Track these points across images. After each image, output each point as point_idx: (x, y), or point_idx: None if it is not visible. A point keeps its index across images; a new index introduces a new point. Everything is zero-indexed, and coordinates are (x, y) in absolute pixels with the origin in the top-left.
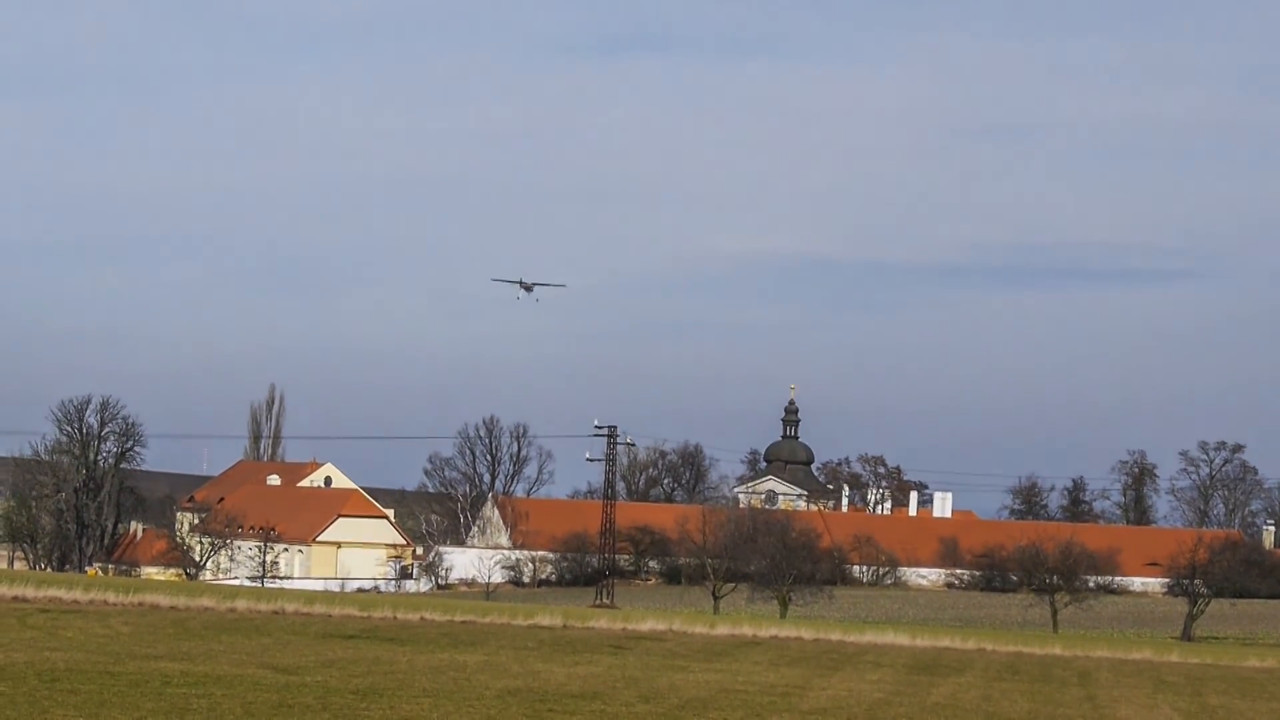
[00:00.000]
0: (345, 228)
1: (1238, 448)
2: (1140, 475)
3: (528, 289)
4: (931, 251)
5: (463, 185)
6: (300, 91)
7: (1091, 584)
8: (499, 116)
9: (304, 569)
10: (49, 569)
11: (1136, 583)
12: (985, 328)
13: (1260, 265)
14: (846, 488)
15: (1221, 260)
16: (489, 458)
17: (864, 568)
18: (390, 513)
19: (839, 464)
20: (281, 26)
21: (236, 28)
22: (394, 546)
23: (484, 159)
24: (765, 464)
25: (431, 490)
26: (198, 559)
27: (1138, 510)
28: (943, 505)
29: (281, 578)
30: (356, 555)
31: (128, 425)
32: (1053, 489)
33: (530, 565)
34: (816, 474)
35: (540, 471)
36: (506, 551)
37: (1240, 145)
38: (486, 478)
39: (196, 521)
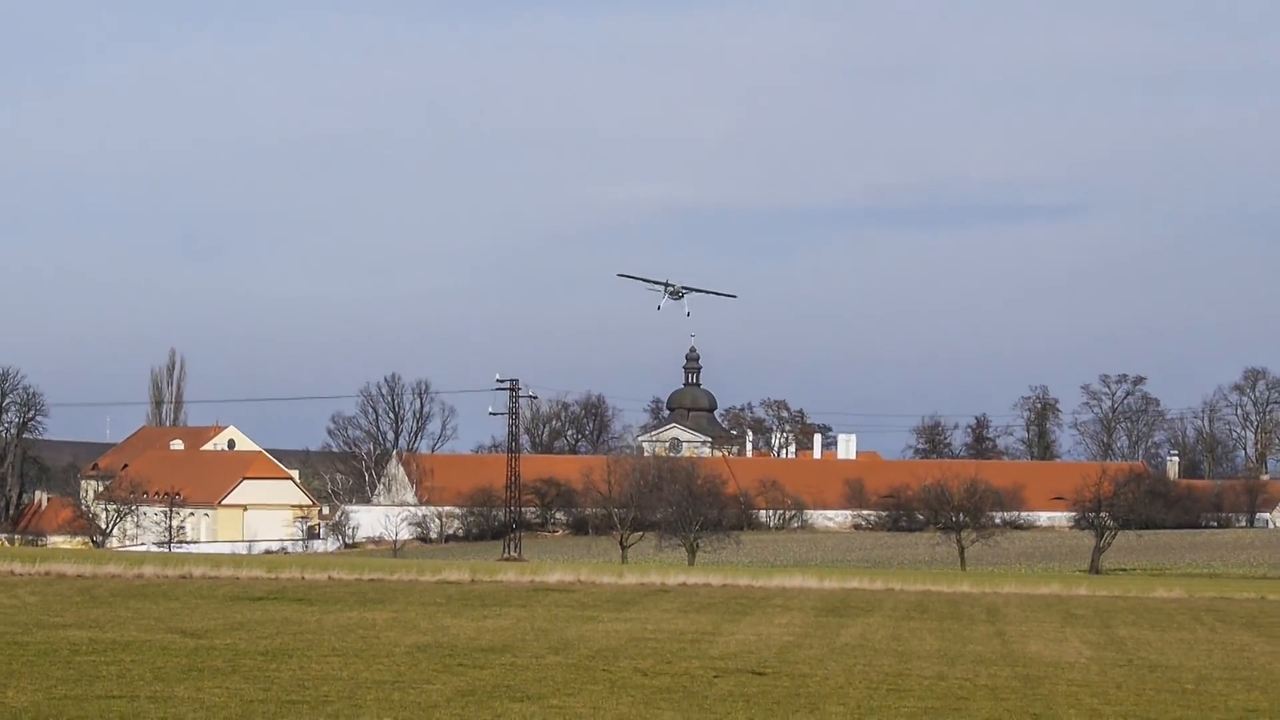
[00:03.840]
0: (242, 191)
1: (1139, 380)
2: (1043, 410)
3: (676, 295)
4: (830, 194)
5: (360, 144)
6: (196, 56)
7: (998, 520)
8: (397, 73)
9: (210, 533)
10: None
11: (1043, 517)
12: (885, 269)
13: (1158, 199)
14: (750, 433)
15: (1120, 195)
16: (392, 415)
17: (770, 512)
18: (295, 474)
19: (742, 410)
20: None
21: None
22: (300, 507)
23: (381, 117)
24: (668, 412)
25: (336, 450)
26: (103, 526)
27: (1041, 445)
28: (847, 447)
29: (188, 542)
30: (262, 517)
31: (29, 395)
32: (956, 427)
33: (437, 521)
34: (720, 420)
35: (444, 427)
36: (413, 508)
37: (1138, 81)
38: (390, 435)
39: (101, 489)
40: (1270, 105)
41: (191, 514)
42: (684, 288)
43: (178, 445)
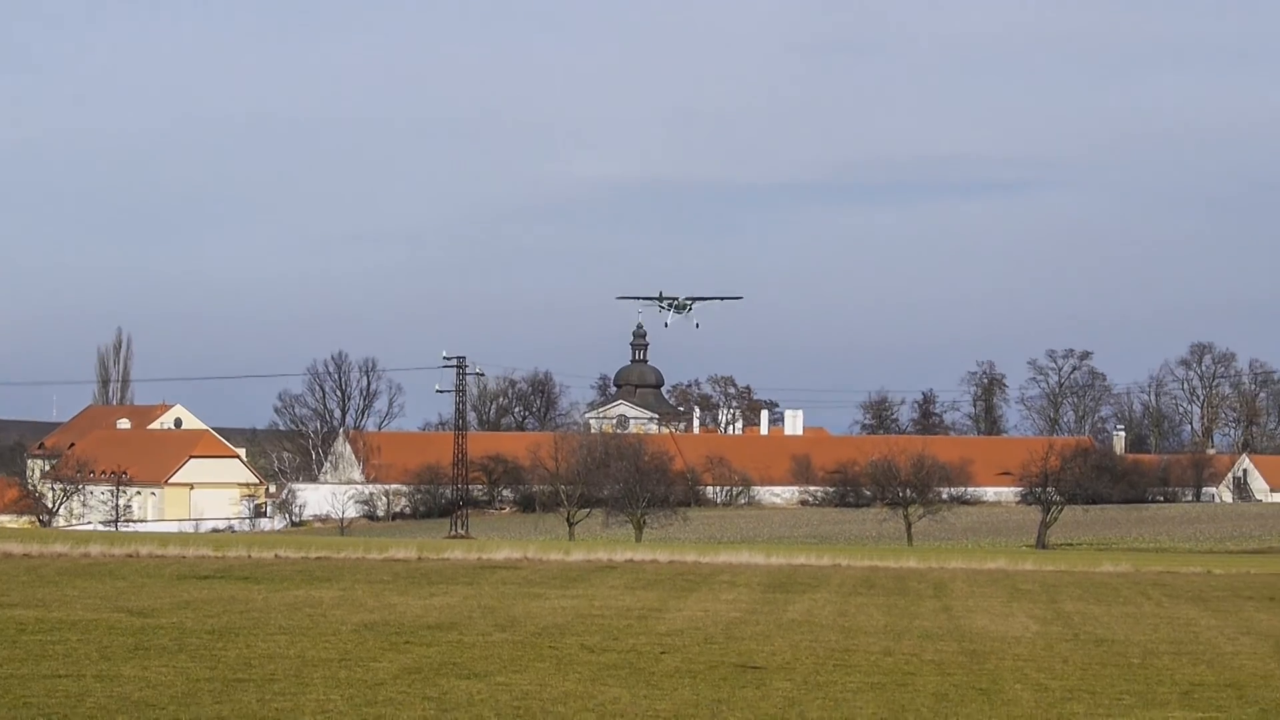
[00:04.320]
0: (189, 169)
1: (1086, 354)
2: (990, 385)
3: (680, 309)
4: (778, 171)
5: (306, 123)
6: (141, 32)
7: (945, 496)
8: (341, 53)
9: (157, 511)
10: None
11: (989, 493)
12: (833, 244)
13: (1105, 175)
14: (697, 409)
15: (1066, 171)
16: (339, 393)
17: (717, 488)
18: (242, 452)
19: (689, 386)
20: None
21: None
22: (247, 486)
23: (326, 96)
24: (615, 389)
25: (282, 428)
26: (50, 506)
27: (988, 420)
28: (794, 423)
29: (135, 521)
30: (209, 496)
31: None
32: (903, 402)
33: (384, 499)
34: (667, 397)
35: (391, 405)
36: (360, 486)
37: (1085, 57)
38: (337, 413)
39: (47, 468)
40: (1220, 80)
41: (138, 493)
42: (689, 299)
43: (124, 424)
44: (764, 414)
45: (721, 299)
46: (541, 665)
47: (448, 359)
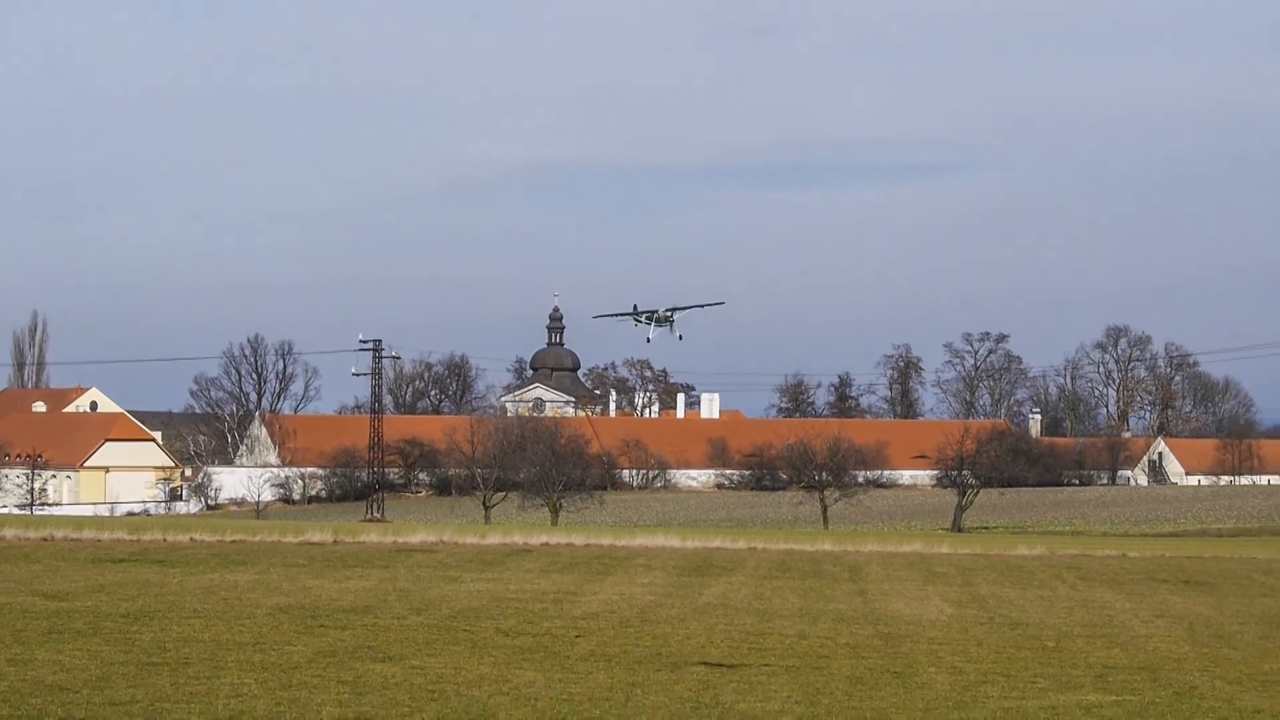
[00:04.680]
0: (102, 151)
1: (1001, 338)
2: (906, 369)
3: (661, 322)
4: (691, 153)
5: (219, 104)
6: (50, 12)
7: (860, 479)
8: (252, 34)
9: (73, 494)
10: None
11: (905, 476)
12: (749, 228)
13: (1021, 157)
14: (614, 392)
15: (983, 154)
16: (255, 376)
17: (634, 472)
18: (158, 435)
19: (605, 369)
20: None
21: None
22: (162, 469)
23: (238, 77)
24: (532, 372)
25: (198, 411)
26: None
27: (904, 404)
28: (710, 406)
29: (50, 504)
30: (125, 479)
31: None
32: (819, 386)
33: (300, 482)
34: (583, 380)
35: (307, 388)
36: (276, 469)
37: (1004, 40)
38: (253, 396)
39: None
40: (1134, 62)
41: (53, 476)
42: (669, 310)
43: (40, 407)
44: (680, 397)
45: (702, 306)
46: (456, 648)
47: (364, 342)
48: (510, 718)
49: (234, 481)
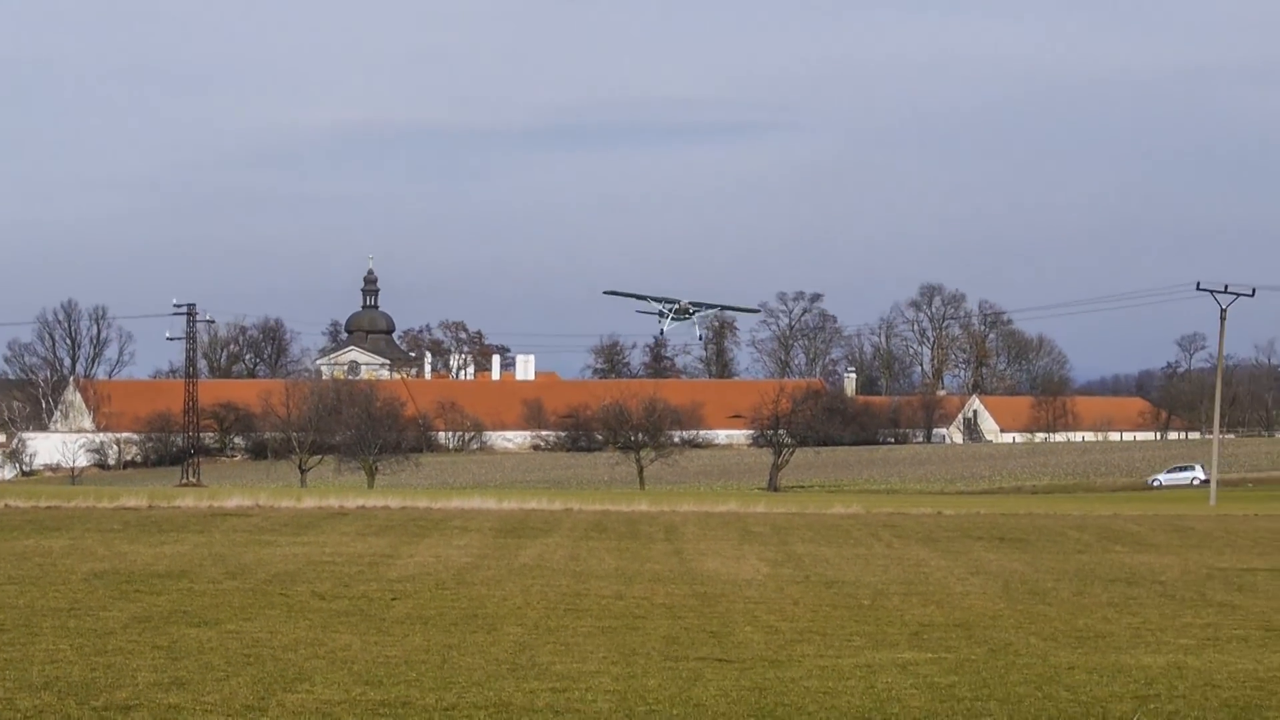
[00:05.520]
0: None
1: (816, 297)
2: (720, 329)
3: (682, 314)
4: (506, 115)
5: (35, 69)
6: None
7: (676, 439)
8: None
9: None
10: None
11: (721, 436)
12: (563, 189)
13: (832, 116)
14: (429, 355)
15: (794, 113)
16: (69, 341)
17: (450, 434)
18: None
19: (421, 331)
20: None
21: None
22: None
23: (51, 43)
24: (347, 335)
25: (12, 377)
26: None
27: (719, 364)
28: (526, 368)
29: None
30: None
31: None
32: (634, 346)
33: (115, 448)
34: (399, 342)
35: (121, 353)
36: (91, 435)
37: None
38: (67, 362)
39: None
40: (946, 18)
41: None
42: (692, 305)
43: None
44: (496, 359)
45: (734, 309)
46: (272, 612)
47: (178, 306)
48: (326, 681)
49: (49, 447)
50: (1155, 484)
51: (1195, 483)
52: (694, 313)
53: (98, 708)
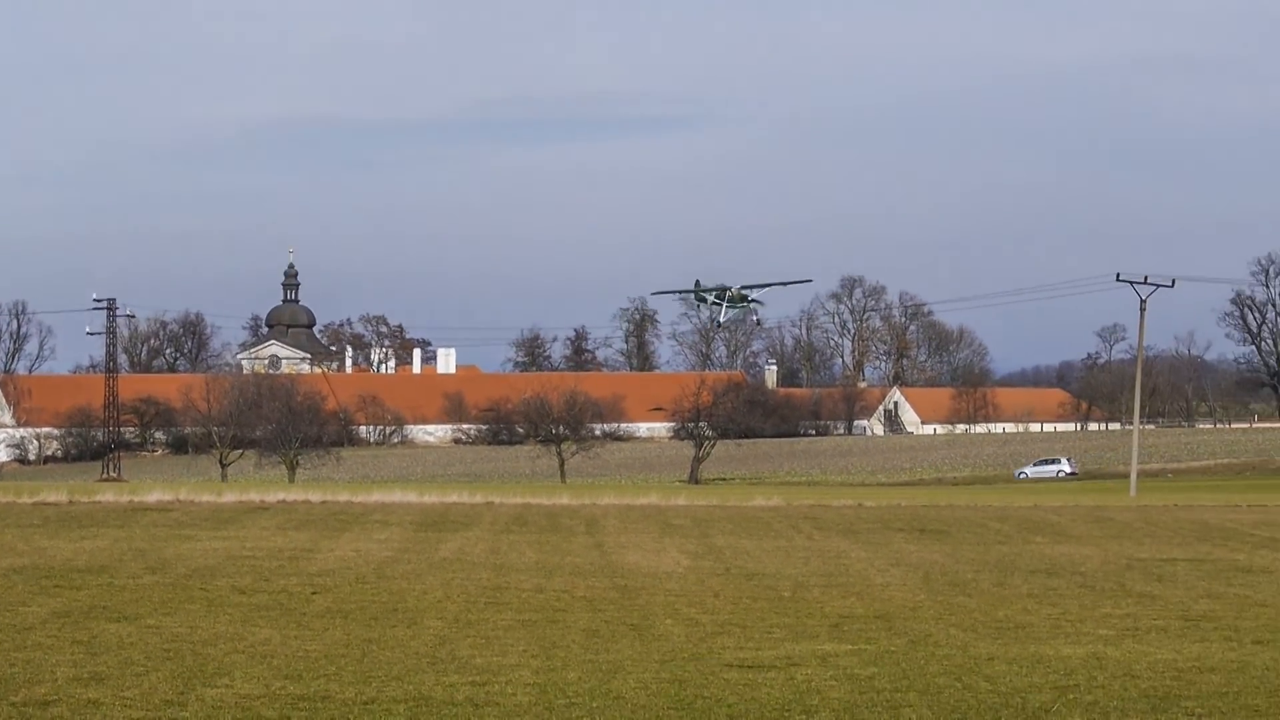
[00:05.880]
0: None
1: None
2: (641, 322)
3: (738, 301)
4: (430, 108)
5: None
6: None
7: (597, 432)
8: None
9: None
10: None
11: (642, 429)
12: (484, 183)
13: (752, 108)
14: (350, 349)
15: (712, 106)
16: None
17: (370, 428)
18: None
19: (341, 325)
20: None
21: None
22: None
23: None
24: (267, 329)
25: None
26: None
27: (641, 357)
28: (447, 361)
29: None
30: None
31: None
32: (555, 340)
33: (35, 443)
34: (319, 336)
35: (41, 348)
36: (10, 430)
37: None
38: None
39: None
40: (861, 10)
41: None
42: (743, 289)
43: None
44: (416, 353)
45: (785, 284)
46: (192, 607)
47: (98, 301)
48: (246, 675)
49: None
50: (1021, 476)
51: (1061, 475)
52: (748, 298)
53: (16, 703)
